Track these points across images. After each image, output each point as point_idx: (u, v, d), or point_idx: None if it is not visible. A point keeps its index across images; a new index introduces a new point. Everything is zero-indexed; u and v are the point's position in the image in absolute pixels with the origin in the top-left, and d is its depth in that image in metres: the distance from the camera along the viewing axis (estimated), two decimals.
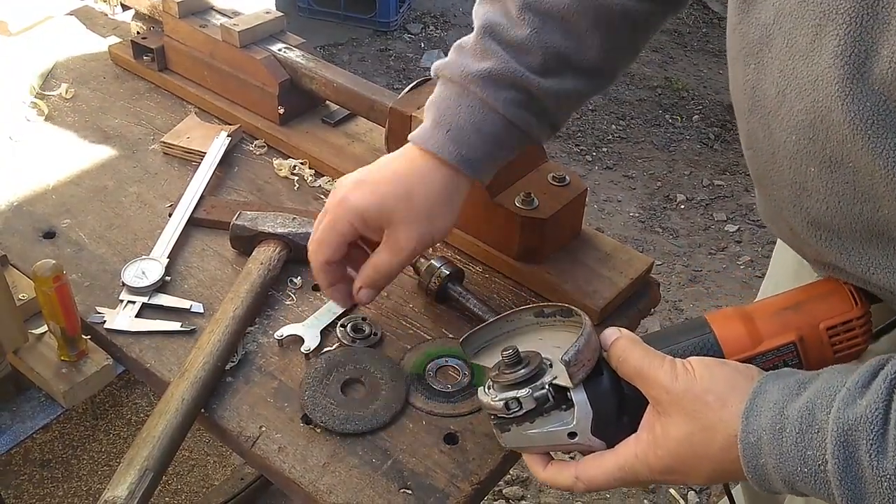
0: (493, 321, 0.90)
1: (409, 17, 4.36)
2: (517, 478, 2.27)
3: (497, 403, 0.80)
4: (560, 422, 0.79)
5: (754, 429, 0.70)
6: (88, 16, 1.72)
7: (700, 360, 0.77)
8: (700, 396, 0.74)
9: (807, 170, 0.76)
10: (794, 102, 0.73)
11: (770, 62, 0.75)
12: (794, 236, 0.86)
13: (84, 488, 2.04)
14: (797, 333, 0.81)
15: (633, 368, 0.78)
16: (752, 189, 3.39)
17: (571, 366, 0.76)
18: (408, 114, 1.17)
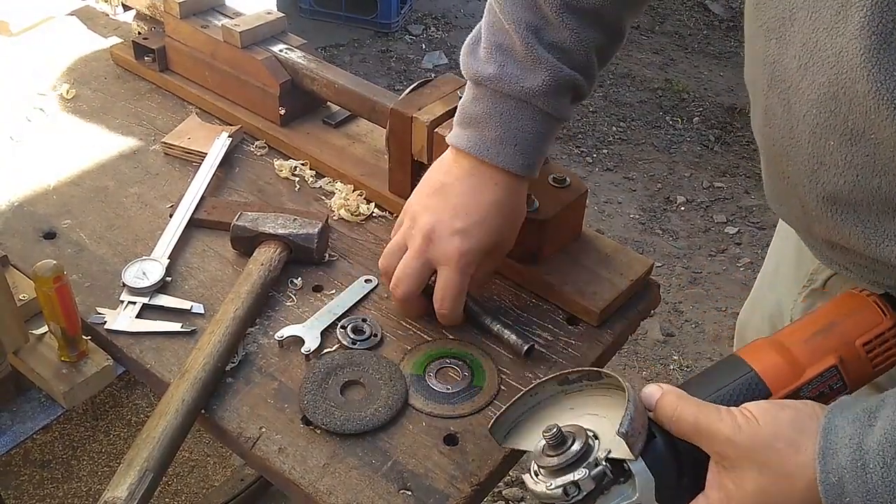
0: (516, 400, 0.85)
1: (411, 19, 4.36)
2: (517, 479, 2.27)
3: (555, 492, 0.74)
4: (622, 496, 0.74)
5: (834, 468, 0.67)
6: (89, 16, 1.72)
7: (757, 406, 0.73)
8: (770, 444, 0.70)
9: (826, 143, 0.76)
10: (817, 75, 0.74)
11: (793, 36, 0.76)
12: (806, 214, 0.86)
13: (84, 489, 2.04)
14: (836, 355, 0.79)
15: (690, 425, 0.74)
16: (752, 191, 3.39)
17: (630, 437, 0.72)
18: (409, 115, 1.17)
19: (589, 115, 3.79)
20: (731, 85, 4.08)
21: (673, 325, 2.83)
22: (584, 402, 0.82)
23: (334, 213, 1.27)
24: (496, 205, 1.00)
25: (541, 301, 1.14)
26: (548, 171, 1.19)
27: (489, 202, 1.00)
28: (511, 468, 0.99)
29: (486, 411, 1.00)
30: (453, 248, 0.99)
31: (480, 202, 1.00)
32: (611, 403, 0.78)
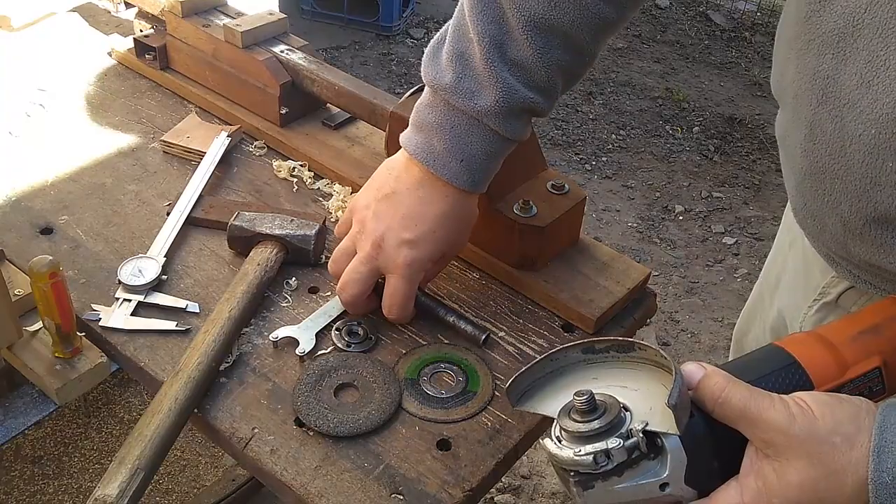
0: (536, 363, 0.80)
1: (413, 22, 4.36)
2: (509, 485, 2.27)
3: (585, 459, 0.70)
4: (650, 472, 0.70)
5: (888, 467, 0.65)
6: (91, 13, 1.72)
7: (814, 397, 0.70)
8: (826, 438, 0.67)
9: (884, 164, 0.74)
10: (881, 94, 0.72)
11: (855, 52, 0.74)
12: (847, 233, 0.83)
13: (75, 486, 2.03)
14: (881, 357, 0.77)
15: (737, 409, 0.70)
16: (750, 202, 3.40)
17: (678, 409, 0.68)
18: (408, 118, 1.17)
19: (589, 123, 3.79)
20: (731, 95, 4.09)
21: (669, 335, 2.83)
22: (609, 374, 0.78)
23: (332, 215, 1.27)
24: (444, 216, 1.02)
25: (537, 307, 1.14)
26: (546, 177, 1.20)
27: (437, 214, 1.02)
28: (504, 474, 0.99)
29: (480, 417, 1.00)
30: (401, 258, 1.02)
31: (428, 213, 1.02)
32: (640, 377, 0.75)
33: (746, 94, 4.09)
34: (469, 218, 1.06)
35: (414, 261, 1.02)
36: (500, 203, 1.14)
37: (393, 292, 1.04)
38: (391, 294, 1.04)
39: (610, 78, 4.12)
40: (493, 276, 1.18)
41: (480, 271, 1.19)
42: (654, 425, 0.70)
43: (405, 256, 1.02)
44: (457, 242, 1.07)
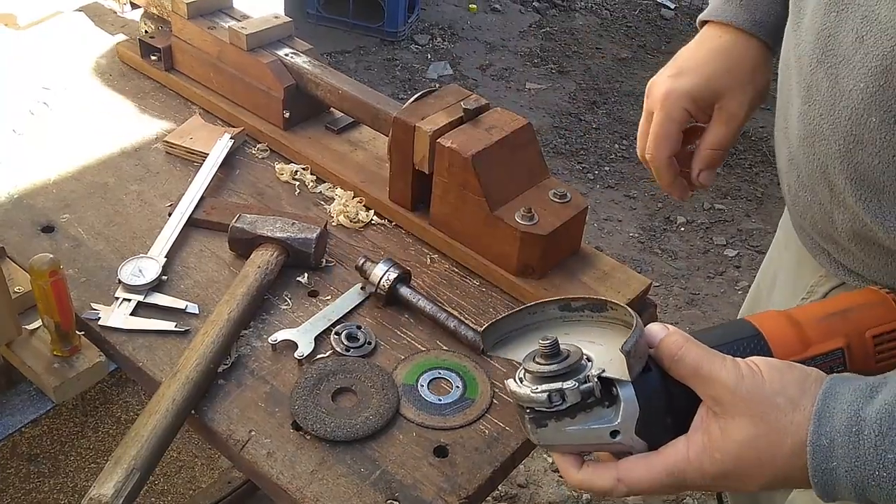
0: (515, 312, 0.83)
1: (417, 28, 4.37)
2: (505, 494, 2.26)
3: (539, 395, 0.73)
4: (603, 419, 0.73)
5: (826, 431, 0.67)
6: (97, 12, 1.72)
7: (765, 361, 0.73)
8: (769, 398, 0.70)
9: (868, 120, 0.77)
10: (872, 47, 0.75)
11: (853, 9, 0.78)
12: (832, 199, 0.86)
13: (70, 485, 2.03)
14: (845, 340, 0.79)
15: (690, 367, 0.73)
16: (752, 214, 3.40)
17: (631, 357, 0.71)
18: (412, 124, 1.18)
19: (592, 132, 3.79)
20: None
21: None
22: (582, 332, 0.80)
23: (333, 219, 1.27)
24: (714, 51, 1.01)
25: None
26: (548, 186, 1.20)
27: (707, 49, 1.02)
28: (500, 483, 0.98)
29: (478, 424, 1.00)
30: (661, 90, 1.01)
31: (698, 50, 1.03)
32: (610, 336, 0.77)
33: None
34: (748, 66, 1.02)
35: (672, 90, 1.01)
36: (502, 210, 1.14)
37: (651, 129, 1.03)
38: (650, 130, 1.03)
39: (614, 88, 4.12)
40: (493, 284, 1.18)
41: (481, 278, 1.19)
42: (610, 372, 0.73)
43: (665, 87, 1.01)
44: (730, 86, 1.01)
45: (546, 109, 3.89)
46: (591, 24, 4.65)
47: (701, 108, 1.01)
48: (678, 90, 1.00)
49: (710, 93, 1.01)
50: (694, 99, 1.00)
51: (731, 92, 1.01)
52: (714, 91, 1.01)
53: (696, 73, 1.01)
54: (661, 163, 1.03)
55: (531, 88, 4.05)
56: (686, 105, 1.00)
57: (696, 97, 1.01)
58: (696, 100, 1.01)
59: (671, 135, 1.01)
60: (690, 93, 1.00)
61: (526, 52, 4.35)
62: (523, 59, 4.29)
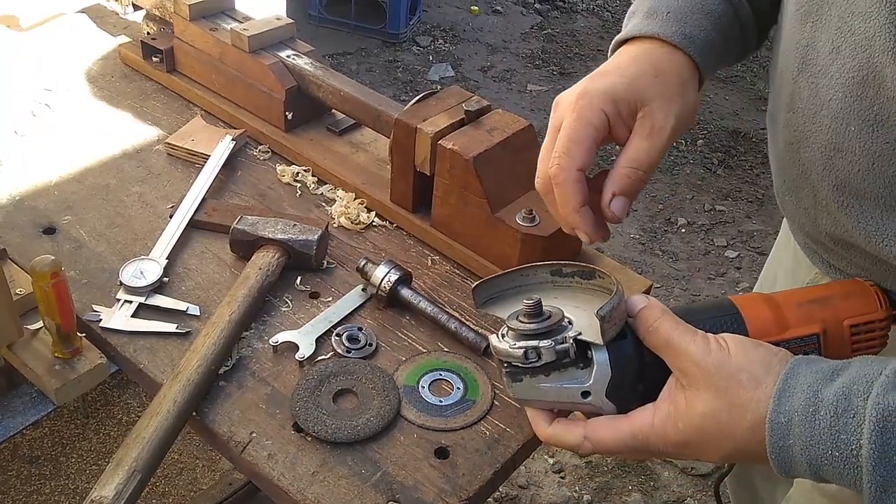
0: (507, 273, 0.86)
1: (419, 30, 4.37)
2: (506, 495, 2.26)
3: (516, 351, 0.77)
4: (576, 379, 0.77)
5: (786, 409, 0.69)
6: (99, 14, 1.72)
7: (734, 338, 0.75)
8: (733, 374, 0.72)
9: (847, 128, 0.78)
10: (847, 59, 0.76)
11: (828, 20, 0.78)
12: (816, 204, 0.87)
13: (71, 487, 2.03)
14: (822, 326, 0.81)
15: (663, 338, 0.75)
16: (753, 216, 3.40)
17: (605, 322, 0.74)
18: (413, 126, 1.18)
19: None
20: (736, 109, 4.09)
21: None
22: (570, 296, 0.83)
23: (334, 221, 1.27)
24: (638, 57, 0.87)
25: None
26: None
27: (630, 56, 0.88)
28: (501, 484, 0.98)
29: (479, 426, 1.00)
30: (575, 91, 0.85)
31: (616, 60, 0.89)
32: (595, 302, 0.79)
33: (751, 107, 4.09)
34: (679, 77, 0.86)
35: (587, 90, 0.84)
36: (503, 212, 1.14)
37: (560, 136, 0.85)
38: (558, 139, 0.85)
39: None
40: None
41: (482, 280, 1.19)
42: (586, 335, 0.76)
43: (579, 88, 0.85)
44: (658, 92, 0.84)
45: (547, 111, 3.87)
46: (592, 26, 4.66)
47: (621, 115, 0.84)
48: (596, 89, 0.84)
49: (633, 95, 0.84)
50: (614, 100, 0.84)
51: (658, 99, 0.84)
52: (638, 94, 0.84)
53: (618, 74, 0.85)
54: (568, 176, 0.83)
55: (532, 90, 4.05)
56: (604, 106, 0.83)
57: (616, 98, 0.84)
58: (617, 101, 0.84)
59: (584, 141, 0.83)
60: (610, 93, 0.84)
61: (527, 53, 4.35)
62: (525, 61, 4.29)
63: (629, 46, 0.90)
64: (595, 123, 0.83)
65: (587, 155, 0.83)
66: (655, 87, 0.85)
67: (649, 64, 0.86)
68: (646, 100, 0.84)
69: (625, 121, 0.85)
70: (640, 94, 0.84)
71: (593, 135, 0.83)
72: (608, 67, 0.87)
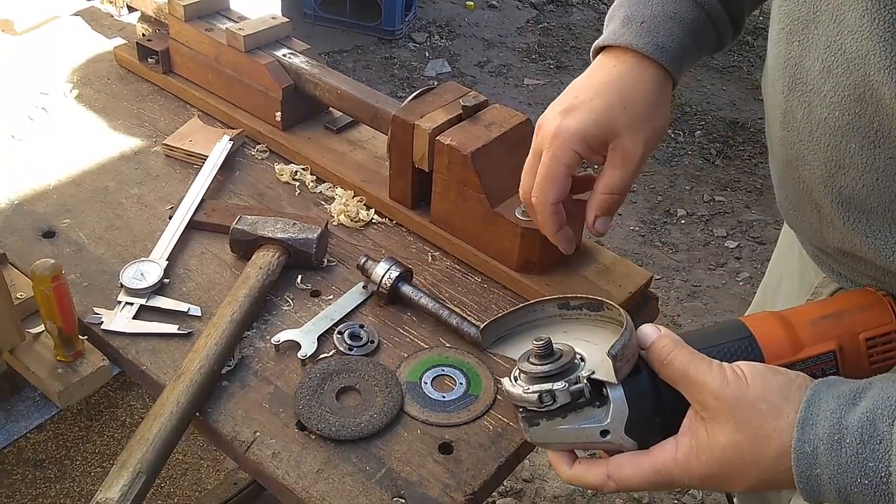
0: (515, 310, 0.85)
1: (415, 26, 4.37)
2: (511, 489, 2.26)
3: (530, 396, 0.75)
4: (593, 419, 0.75)
5: (810, 438, 0.68)
6: (94, 17, 1.72)
7: (751, 367, 0.73)
8: (753, 404, 0.71)
9: (847, 146, 0.76)
10: (840, 78, 0.74)
11: (816, 38, 0.77)
12: (821, 220, 0.86)
13: (77, 489, 2.03)
14: (837, 342, 0.80)
15: (679, 371, 0.74)
16: (752, 206, 3.40)
17: (617, 360, 0.73)
18: (410, 122, 1.18)
19: None
20: (733, 99, 4.09)
21: None
22: (580, 330, 0.82)
23: (334, 219, 1.27)
24: (608, 84, 0.93)
25: None
26: None
27: (600, 82, 0.93)
28: (505, 478, 0.98)
29: (482, 421, 1.00)
30: (551, 127, 0.93)
31: (591, 83, 0.94)
32: (605, 334, 0.79)
33: (748, 97, 4.09)
34: (648, 99, 0.93)
35: (561, 129, 0.91)
36: (502, 207, 1.14)
37: (539, 171, 0.94)
38: (538, 173, 0.94)
39: None
40: (495, 280, 1.18)
41: (482, 275, 1.19)
42: (600, 374, 0.74)
43: (554, 125, 0.92)
44: (626, 123, 0.92)
45: (545, 105, 3.85)
46: (588, 19, 4.65)
47: (593, 149, 0.93)
48: (568, 129, 0.91)
49: (603, 131, 0.92)
50: (585, 139, 0.92)
51: (626, 130, 0.92)
52: (608, 129, 0.92)
53: (588, 109, 0.91)
54: (545, 208, 0.95)
55: (529, 84, 4.05)
56: (576, 147, 0.92)
57: (587, 137, 0.92)
58: (588, 139, 0.92)
59: (559, 178, 0.93)
60: (581, 132, 0.91)
61: (524, 48, 4.34)
62: (521, 56, 4.28)
63: (606, 58, 0.95)
64: (567, 162, 0.93)
65: (561, 189, 0.94)
66: (624, 119, 0.92)
67: (618, 93, 0.92)
68: (615, 133, 0.92)
69: (597, 152, 0.94)
70: (608, 128, 0.92)
71: (566, 171, 0.93)
72: (581, 97, 0.93)
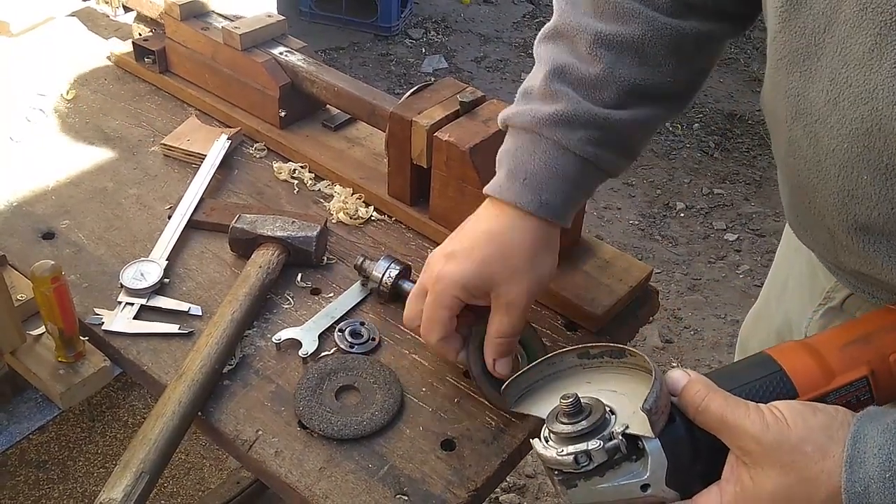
0: (534, 365, 0.84)
1: (411, 23, 4.36)
2: (514, 485, 2.27)
3: (566, 458, 0.73)
4: (632, 473, 0.73)
5: (860, 477, 0.66)
6: (90, 17, 1.72)
7: (789, 407, 0.71)
8: (797, 447, 0.69)
9: (859, 177, 0.75)
10: (848, 111, 0.73)
11: (819, 70, 0.75)
12: (835, 244, 0.85)
13: (80, 490, 2.03)
14: (869, 367, 0.78)
15: (715, 418, 0.72)
16: (751, 198, 3.40)
17: (653, 414, 0.71)
18: (408, 119, 1.17)
19: None
20: (731, 91, 4.09)
21: (672, 332, 2.83)
22: (603, 379, 0.80)
23: (333, 217, 1.27)
24: (489, 234, 0.95)
25: (540, 306, 1.14)
26: None
27: (481, 230, 0.96)
28: (508, 474, 0.99)
29: (484, 417, 1.00)
30: (436, 269, 0.96)
31: (474, 229, 0.97)
32: (631, 382, 0.77)
33: (746, 90, 4.09)
34: (527, 252, 0.94)
35: (442, 275, 0.94)
36: None
37: (424, 308, 0.97)
38: (424, 310, 0.97)
39: None
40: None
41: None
42: (634, 428, 0.72)
43: (439, 269, 0.95)
44: (504, 275, 0.94)
45: None
46: None
47: (475, 296, 0.95)
48: (448, 277, 0.94)
49: (482, 281, 0.94)
50: (465, 287, 0.94)
51: (505, 282, 0.93)
52: (487, 279, 0.94)
53: (469, 259, 0.93)
54: (431, 341, 0.97)
55: None
56: (457, 293, 0.94)
57: (467, 286, 0.94)
58: (468, 288, 0.94)
59: (442, 321, 0.96)
60: (461, 282, 0.93)
61: (520, 43, 4.34)
62: (518, 51, 4.28)
63: (492, 207, 0.97)
64: (448, 305, 0.95)
65: (444, 329, 0.96)
66: (503, 270, 0.94)
67: (497, 246, 0.94)
68: (494, 283, 0.94)
69: (480, 297, 0.95)
70: (488, 279, 0.94)
71: (448, 315, 0.96)
72: (464, 244, 0.95)
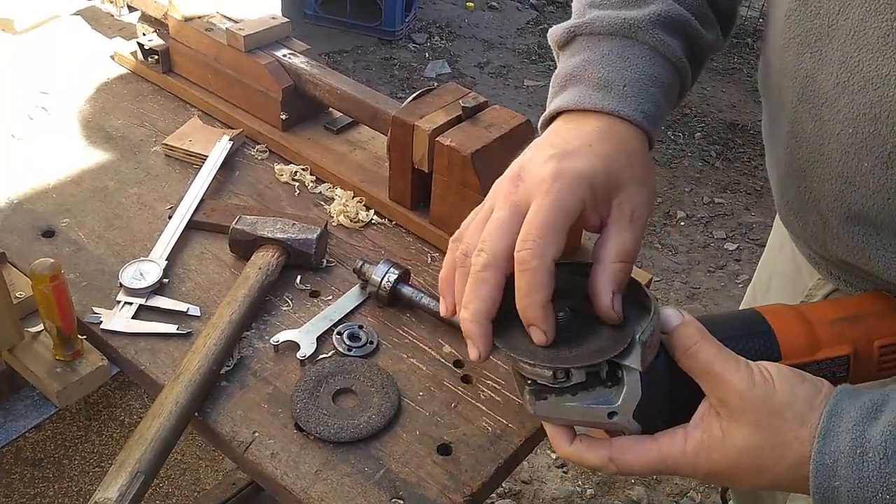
0: None
1: (415, 27, 4.37)
2: (509, 490, 2.26)
3: (544, 371, 0.71)
4: (603, 399, 0.72)
5: (831, 451, 0.67)
6: (94, 16, 1.72)
7: (778, 370, 0.71)
8: (778, 411, 0.69)
9: (860, 164, 0.75)
10: (857, 95, 0.72)
11: (830, 53, 0.75)
12: (826, 231, 0.85)
13: (75, 489, 2.03)
14: (853, 347, 0.78)
15: (703, 364, 0.71)
16: (752, 208, 3.40)
17: (646, 346, 0.69)
18: (410, 123, 1.18)
19: None
20: (733, 101, 4.09)
21: None
22: None
23: (333, 219, 1.27)
24: (600, 132, 0.77)
25: None
26: None
27: (591, 130, 0.77)
28: (504, 480, 0.98)
29: (481, 422, 1.00)
30: (547, 170, 0.72)
31: (581, 132, 0.77)
32: None
33: (748, 99, 4.09)
34: (645, 158, 0.78)
35: (562, 171, 0.72)
36: None
37: (532, 215, 0.71)
38: (530, 219, 0.71)
39: None
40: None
41: None
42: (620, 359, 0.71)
43: (551, 168, 0.72)
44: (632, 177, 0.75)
45: (544, 107, 3.88)
46: None
47: (598, 202, 0.74)
48: (573, 171, 0.72)
49: (610, 181, 0.74)
50: (593, 185, 0.72)
51: (633, 185, 0.75)
52: (615, 180, 0.74)
53: (591, 154, 0.74)
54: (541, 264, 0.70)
55: (529, 86, 4.05)
56: (583, 193, 0.72)
57: (595, 184, 0.72)
58: (595, 188, 0.72)
59: (561, 229, 0.71)
60: (589, 176, 0.72)
61: (524, 49, 4.35)
62: (521, 57, 4.28)
63: (580, 118, 0.79)
64: (571, 210, 0.72)
65: (561, 244, 0.71)
66: (630, 171, 0.75)
67: (619, 144, 0.76)
68: (621, 185, 0.75)
69: (598, 207, 0.75)
70: (616, 178, 0.74)
71: (568, 223, 0.72)
72: (574, 143, 0.76)
